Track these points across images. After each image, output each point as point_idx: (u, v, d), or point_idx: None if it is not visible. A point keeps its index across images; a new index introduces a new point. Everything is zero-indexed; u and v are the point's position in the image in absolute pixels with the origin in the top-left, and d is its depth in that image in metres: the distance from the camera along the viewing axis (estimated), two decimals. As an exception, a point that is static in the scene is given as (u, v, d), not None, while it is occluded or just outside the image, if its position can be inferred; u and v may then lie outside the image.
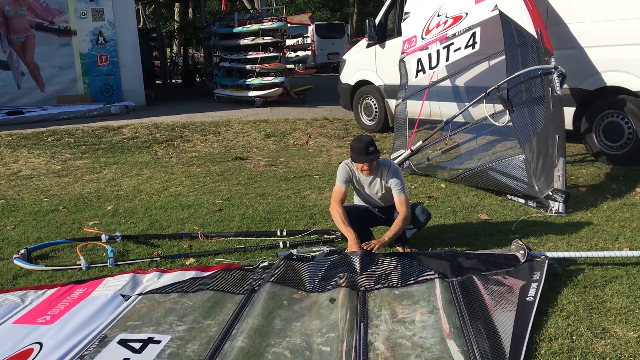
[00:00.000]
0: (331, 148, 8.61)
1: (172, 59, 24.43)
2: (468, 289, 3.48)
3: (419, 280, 3.63)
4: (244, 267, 4.07)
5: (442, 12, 6.92)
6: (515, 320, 3.08)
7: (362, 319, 3.26)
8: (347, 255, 3.99)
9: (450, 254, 3.95)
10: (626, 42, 6.06)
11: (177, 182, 6.79)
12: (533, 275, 3.54)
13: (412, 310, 3.32)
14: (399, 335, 3.07)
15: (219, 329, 3.21)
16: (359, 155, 4.21)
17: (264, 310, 3.34)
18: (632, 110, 6.16)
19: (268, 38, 12.88)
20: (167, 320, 3.33)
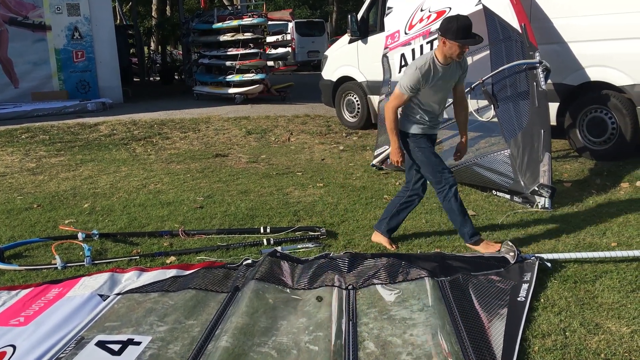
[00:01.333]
0: (313, 145, 8.51)
1: (150, 56, 24.08)
2: (458, 287, 3.41)
3: (408, 278, 3.55)
4: (227, 265, 3.95)
5: (426, 7, 6.85)
6: (507, 318, 3.02)
7: (351, 317, 3.17)
8: (333, 258, 3.89)
9: (439, 256, 3.88)
10: (610, 37, 6.06)
11: (157, 179, 6.62)
12: (524, 276, 3.48)
13: (402, 308, 3.23)
14: (389, 333, 2.98)
15: (202, 329, 3.09)
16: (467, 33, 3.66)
17: (249, 309, 3.22)
18: (616, 105, 6.17)
19: (248, 34, 12.72)
20: (147, 321, 3.20)
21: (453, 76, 3.95)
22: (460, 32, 3.65)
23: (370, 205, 5.32)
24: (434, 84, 3.86)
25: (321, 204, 5.39)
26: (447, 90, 4.01)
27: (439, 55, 3.82)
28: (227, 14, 13.43)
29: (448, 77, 3.91)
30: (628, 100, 6.13)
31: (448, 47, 3.73)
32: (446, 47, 3.74)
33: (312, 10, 36.16)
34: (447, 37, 3.71)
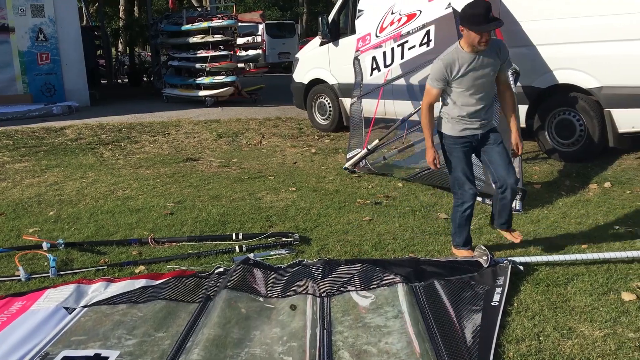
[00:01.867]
0: (285, 148, 8.44)
1: (117, 58, 23.67)
2: (432, 293, 3.39)
3: (382, 284, 3.52)
4: (198, 273, 3.87)
5: (396, 10, 6.85)
6: (482, 324, 3.01)
7: (325, 325, 3.12)
8: (307, 265, 3.85)
9: (413, 261, 3.86)
10: (577, 40, 6.14)
11: (125, 185, 6.48)
12: (497, 280, 3.49)
13: (377, 315, 3.20)
14: (364, 341, 2.94)
15: (172, 342, 3.01)
16: (484, 21, 3.46)
17: (221, 320, 3.15)
18: (584, 107, 6.26)
19: (218, 36, 12.58)
20: (115, 334, 3.10)
21: (488, 66, 3.63)
22: (476, 18, 3.47)
23: (344, 209, 5.28)
24: (464, 74, 3.63)
25: (294, 209, 5.34)
26: (486, 82, 3.68)
27: (463, 44, 3.63)
28: (197, 16, 13.27)
29: (480, 68, 3.62)
30: (595, 102, 6.22)
31: (466, 35, 3.56)
32: (465, 35, 3.58)
33: (283, 12, 36.05)
34: (463, 24, 3.55)
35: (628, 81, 5.94)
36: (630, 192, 5.35)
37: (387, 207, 5.32)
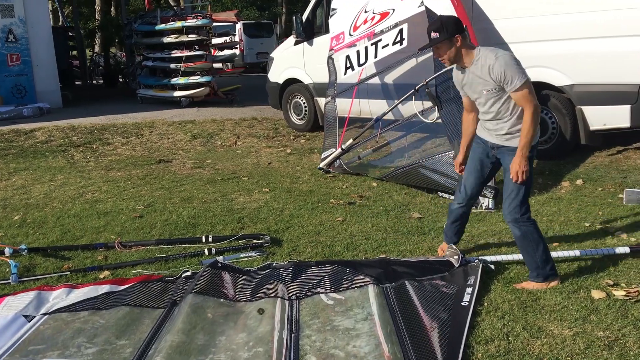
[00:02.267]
0: (260, 148, 8.36)
1: (92, 59, 23.29)
2: (403, 294, 3.35)
3: (352, 286, 3.46)
4: (164, 278, 3.77)
5: (369, 8, 6.81)
6: (451, 325, 2.97)
7: (293, 329, 3.05)
8: (276, 267, 3.78)
9: (384, 261, 3.81)
10: (548, 38, 6.16)
11: (94, 187, 6.34)
12: (468, 280, 3.45)
13: (346, 318, 3.14)
14: (331, 345, 2.89)
15: (134, 350, 2.92)
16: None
17: (185, 325, 3.07)
18: (556, 105, 6.28)
19: (193, 36, 12.42)
20: (74, 343, 3.00)
21: (478, 84, 3.35)
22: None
23: (317, 210, 5.22)
24: (462, 87, 3.52)
25: (266, 210, 5.26)
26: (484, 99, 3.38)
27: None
28: (171, 15, 13.09)
29: (470, 84, 3.41)
30: (567, 100, 6.24)
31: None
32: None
33: (261, 12, 35.89)
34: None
35: (599, 79, 5.97)
36: (601, 190, 5.37)
37: (360, 207, 5.28)
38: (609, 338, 2.84)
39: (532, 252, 3.38)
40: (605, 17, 5.80)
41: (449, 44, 3.28)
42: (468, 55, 3.33)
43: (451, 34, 3.26)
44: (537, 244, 3.37)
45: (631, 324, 2.95)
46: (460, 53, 3.31)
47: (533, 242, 3.36)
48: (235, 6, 31.76)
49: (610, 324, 2.96)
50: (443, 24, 3.28)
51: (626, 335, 2.86)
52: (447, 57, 3.34)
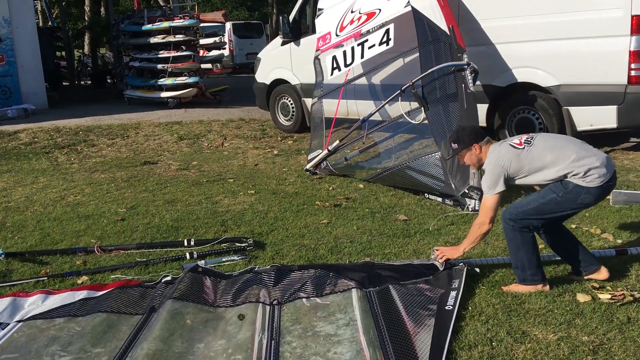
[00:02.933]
0: (247, 150, 8.28)
1: (80, 59, 23.07)
2: (386, 298, 3.29)
3: (335, 290, 3.41)
4: (143, 283, 3.69)
5: (356, 9, 6.75)
6: (434, 330, 2.92)
7: (274, 335, 2.98)
8: (258, 272, 3.71)
9: (368, 265, 3.75)
10: (535, 38, 6.14)
11: (77, 190, 6.24)
12: (452, 283, 3.40)
13: (327, 323, 3.08)
14: (312, 352, 2.83)
15: (109, 358, 2.84)
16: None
17: (163, 332, 2.99)
18: (543, 106, 6.25)
19: (180, 36, 12.32)
20: (48, 351, 2.92)
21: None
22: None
23: (302, 212, 5.16)
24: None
25: (251, 213, 5.19)
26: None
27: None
28: (158, 15, 12.97)
29: None
30: (554, 100, 6.22)
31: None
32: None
33: (251, 12, 35.78)
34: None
35: (586, 79, 5.96)
36: (588, 190, 5.34)
37: (346, 209, 5.22)
38: (594, 343, 2.79)
39: (513, 253, 3.37)
40: (592, 17, 5.79)
41: (467, 152, 3.46)
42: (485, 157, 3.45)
43: (467, 144, 3.44)
44: (517, 248, 3.34)
45: (616, 328, 2.91)
46: (481, 159, 3.45)
47: (514, 245, 3.35)
48: (225, 6, 31.64)
49: (595, 328, 2.92)
50: (459, 135, 3.50)
51: (611, 339, 2.82)
52: (471, 162, 3.52)
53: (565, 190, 3.23)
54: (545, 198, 3.29)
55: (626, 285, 3.38)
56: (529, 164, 3.28)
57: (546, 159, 3.26)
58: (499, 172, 3.30)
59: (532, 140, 3.34)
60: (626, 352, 2.71)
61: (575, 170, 3.20)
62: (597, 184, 3.20)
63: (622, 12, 5.60)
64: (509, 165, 3.28)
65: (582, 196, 3.22)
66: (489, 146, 3.44)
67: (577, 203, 3.26)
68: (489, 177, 3.34)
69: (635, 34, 5.56)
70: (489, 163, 3.37)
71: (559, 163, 3.23)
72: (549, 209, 3.29)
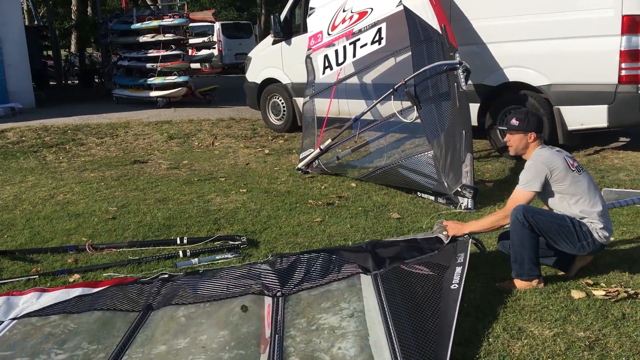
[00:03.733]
0: (238, 149, 8.25)
1: (67, 59, 22.89)
2: (391, 284, 3.24)
3: (339, 277, 3.36)
4: (139, 280, 3.65)
5: (348, 8, 6.76)
6: (439, 318, 2.85)
7: (277, 329, 2.92)
8: (254, 266, 3.69)
9: (370, 245, 3.71)
10: (526, 38, 6.18)
11: (67, 189, 6.17)
12: (457, 257, 3.35)
13: (332, 315, 3.02)
14: (316, 347, 2.75)
15: (106, 355, 2.80)
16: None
17: (162, 328, 2.97)
18: (534, 105, 6.28)
19: (169, 35, 12.26)
20: (44, 348, 2.87)
21: None
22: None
23: (295, 210, 5.14)
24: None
25: (243, 211, 5.17)
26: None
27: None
28: (147, 14, 12.90)
29: None
30: (545, 100, 6.26)
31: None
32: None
33: (239, 12, 35.70)
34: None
35: (577, 79, 6.00)
36: (579, 189, 5.38)
37: (339, 207, 5.21)
38: (590, 338, 2.80)
39: (516, 248, 3.35)
40: (583, 17, 5.84)
41: (523, 135, 3.44)
42: (530, 152, 3.47)
43: (530, 128, 3.43)
44: (522, 244, 3.31)
45: (611, 324, 2.93)
46: (527, 147, 3.47)
47: (520, 241, 3.32)
48: (214, 6, 31.53)
49: (591, 324, 2.93)
50: (527, 116, 3.47)
51: (607, 335, 2.83)
52: (515, 145, 3.50)
53: (580, 227, 3.30)
54: (562, 221, 3.32)
55: (620, 282, 3.40)
56: (569, 185, 3.33)
57: (583, 194, 3.33)
58: (542, 170, 3.33)
59: (582, 170, 3.42)
60: (622, 347, 2.73)
61: (596, 221, 3.31)
62: (601, 241, 3.33)
63: (612, 12, 5.65)
64: (555, 170, 3.32)
65: (585, 242, 3.30)
66: (539, 143, 3.47)
67: (578, 243, 3.31)
68: (531, 171, 3.35)
69: (626, 34, 5.62)
70: (537, 158, 3.38)
71: (588, 205, 3.33)
72: (558, 232, 3.30)
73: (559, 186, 3.35)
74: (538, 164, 3.37)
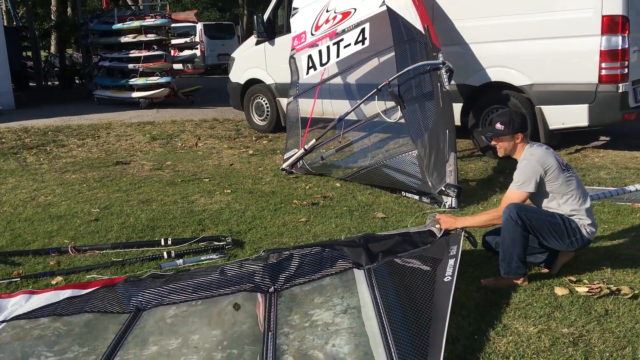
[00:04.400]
0: (222, 150, 8.21)
1: (47, 59, 22.60)
2: (385, 277, 3.24)
3: (332, 272, 3.36)
4: (129, 280, 3.61)
5: (331, 8, 6.77)
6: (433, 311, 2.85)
7: (270, 327, 2.89)
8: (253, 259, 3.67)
9: (363, 239, 3.70)
10: (508, 38, 6.23)
11: (48, 190, 6.09)
12: (450, 250, 3.37)
13: (325, 310, 3.01)
14: (309, 345, 2.73)
15: (97, 358, 2.76)
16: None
17: (153, 329, 2.95)
18: (516, 104, 6.34)
19: (151, 35, 12.17)
20: (34, 352, 2.84)
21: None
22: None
23: (280, 211, 5.13)
24: None
25: (228, 212, 5.15)
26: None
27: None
28: (129, 15, 12.79)
29: None
30: (527, 99, 6.32)
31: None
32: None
33: (222, 13, 35.56)
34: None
35: (558, 78, 6.07)
36: (561, 187, 5.44)
37: (324, 207, 5.21)
38: (574, 334, 2.84)
39: (506, 246, 3.37)
40: (563, 18, 5.90)
41: (510, 138, 3.50)
42: (520, 151, 3.53)
43: (515, 130, 3.48)
44: (513, 242, 3.33)
45: (595, 320, 2.96)
46: (516, 148, 3.54)
47: (511, 239, 3.35)
48: (196, 7, 31.37)
49: (575, 321, 2.97)
50: (511, 118, 3.50)
51: (590, 331, 2.87)
52: (504, 148, 3.56)
53: (570, 224, 3.35)
54: (553, 218, 3.36)
55: (602, 279, 3.45)
56: (561, 184, 3.37)
57: (573, 192, 3.38)
58: (537, 169, 3.36)
59: (570, 169, 3.47)
60: (605, 343, 2.76)
61: (584, 217, 3.37)
62: (588, 237, 3.39)
63: (592, 12, 5.72)
64: (549, 170, 3.35)
65: (574, 238, 3.35)
66: (527, 141, 3.53)
67: (567, 240, 3.35)
68: (525, 172, 3.39)
69: (606, 34, 5.70)
70: (531, 158, 3.41)
71: (577, 203, 3.38)
72: (549, 229, 3.34)
73: (551, 185, 3.39)
74: (533, 164, 3.39)
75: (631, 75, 5.89)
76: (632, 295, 3.19)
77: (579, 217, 3.37)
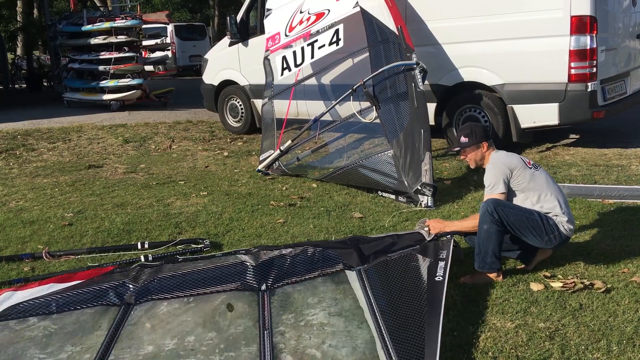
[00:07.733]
0: (196, 152, 8.15)
1: (14, 62, 22.14)
2: (377, 277, 3.27)
3: (324, 273, 3.38)
4: (116, 270, 3.56)
5: (305, 9, 6.78)
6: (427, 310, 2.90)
7: (266, 326, 2.89)
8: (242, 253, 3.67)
9: (353, 240, 3.74)
10: (480, 39, 6.32)
11: (19, 195, 5.97)
12: (440, 253, 3.44)
13: (319, 310, 3.02)
14: (307, 343, 2.75)
15: (91, 356, 2.72)
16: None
17: (147, 327, 2.92)
18: (488, 104, 6.45)
19: (122, 37, 12.02)
20: (26, 355, 2.77)
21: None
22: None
23: (257, 212, 5.12)
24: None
25: (205, 214, 5.11)
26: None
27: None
28: (98, 16, 12.61)
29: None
30: (499, 99, 6.43)
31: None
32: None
33: (192, 14, 35.28)
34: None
35: (529, 78, 6.18)
36: (534, 185, 5.54)
37: (301, 208, 5.22)
38: (550, 329, 2.90)
39: (482, 240, 3.43)
40: (533, 18, 6.02)
41: (476, 148, 3.64)
42: (488, 159, 3.65)
43: (479, 139, 3.62)
44: (489, 237, 3.39)
45: (570, 314, 3.03)
46: (484, 157, 3.67)
47: (487, 234, 3.40)
48: (166, 7, 31.05)
49: (550, 315, 3.03)
50: (473, 130, 3.65)
51: (566, 325, 2.93)
52: (473, 159, 3.70)
53: (547, 221, 3.41)
54: (530, 215, 3.42)
55: (575, 274, 3.53)
56: (529, 181, 3.45)
57: (544, 189, 3.46)
58: (503, 170, 3.46)
59: (538, 167, 3.56)
60: (581, 336, 2.83)
61: (561, 215, 3.44)
62: (566, 233, 3.46)
63: (561, 12, 5.85)
64: (515, 169, 3.45)
65: (552, 235, 3.41)
66: (493, 149, 3.65)
67: (545, 236, 3.41)
68: (493, 175, 3.49)
69: (575, 34, 5.83)
70: (496, 161, 3.53)
71: (550, 201, 3.45)
72: (526, 225, 3.40)
73: (520, 184, 3.47)
74: (498, 165, 3.51)
75: (600, 74, 6.03)
76: (605, 289, 3.27)
77: (554, 213, 3.45)
